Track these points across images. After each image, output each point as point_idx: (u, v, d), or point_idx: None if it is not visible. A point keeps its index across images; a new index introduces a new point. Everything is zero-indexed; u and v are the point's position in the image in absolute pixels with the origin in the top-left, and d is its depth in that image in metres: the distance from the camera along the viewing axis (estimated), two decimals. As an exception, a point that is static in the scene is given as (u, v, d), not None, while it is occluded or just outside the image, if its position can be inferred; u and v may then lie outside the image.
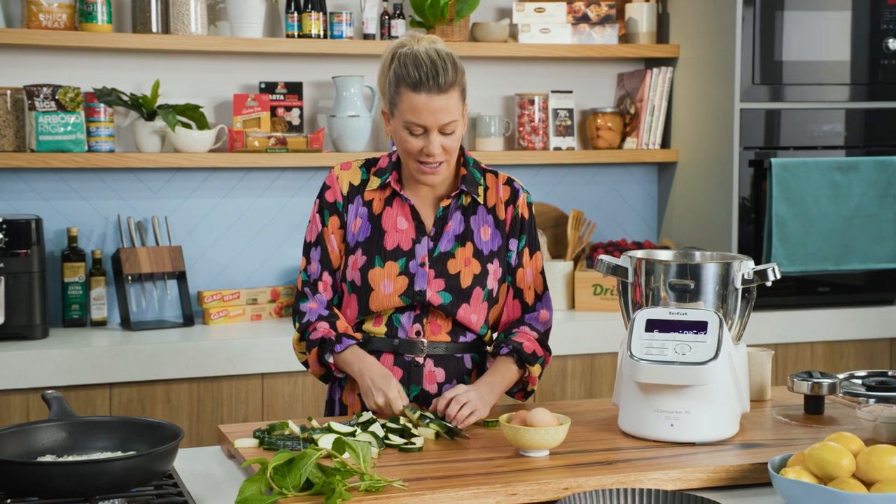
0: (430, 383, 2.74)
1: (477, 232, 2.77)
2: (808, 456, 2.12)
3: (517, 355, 2.74)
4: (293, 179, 4.45)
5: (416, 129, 2.64)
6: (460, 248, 2.75)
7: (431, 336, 2.74)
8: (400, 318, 2.74)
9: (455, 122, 2.64)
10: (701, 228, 4.61)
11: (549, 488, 2.16)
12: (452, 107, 2.62)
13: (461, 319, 2.73)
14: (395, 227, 2.75)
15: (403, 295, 2.71)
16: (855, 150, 4.53)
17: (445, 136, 2.64)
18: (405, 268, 2.72)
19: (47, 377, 3.70)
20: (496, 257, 2.77)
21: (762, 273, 2.48)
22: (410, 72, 2.61)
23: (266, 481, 2.07)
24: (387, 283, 2.71)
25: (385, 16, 4.43)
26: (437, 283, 2.72)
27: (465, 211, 2.78)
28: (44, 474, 1.98)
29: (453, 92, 2.63)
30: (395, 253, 2.73)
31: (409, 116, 2.62)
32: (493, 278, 2.76)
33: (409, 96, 2.61)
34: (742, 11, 4.35)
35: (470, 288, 2.73)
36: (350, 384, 2.81)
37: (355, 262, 2.75)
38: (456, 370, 2.77)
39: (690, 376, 2.36)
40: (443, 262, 2.73)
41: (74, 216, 4.21)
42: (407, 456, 2.33)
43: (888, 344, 4.61)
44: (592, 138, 4.76)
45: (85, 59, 4.22)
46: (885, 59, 4.54)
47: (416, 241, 2.74)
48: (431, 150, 2.63)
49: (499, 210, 2.80)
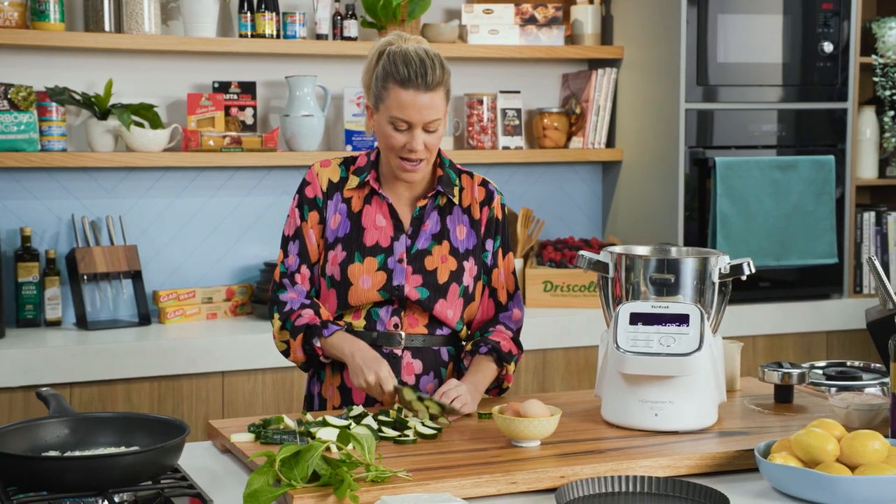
0: (408, 374, 2.80)
1: (453, 231, 2.83)
2: (794, 442, 2.22)
3: (496, 354, 2.81)
4: (247, 179, 4.47)
5: (400, 125, 2.69)
6: (437, 245, 2.81)
7: (409, 329, 2.80)
8: (378, 312, 2.80)
9: (439, 120, 2.71)
10: (646, 226, 4.72)
11: (547, 476, 2.22)
12: (437, 105, 2.69)
13: (438, 314, 2.80)
14: (375, 224, 2.81)
15: (382, 290, 2.77)
16: (792, 149, 4.67)
17: (429, 133, 2.71)
18: (384, 263, 2.78)
19: (7, 377, 3.69)
20: (471, 255, 2.84)
21: (737, 267, 2.57)
22: (400, 68, 2.67)
23: (273, 473, 2.11)
24: (366, 277, 2.77)
25: (337, 16, 4.47)
26: (414, 279, 2.78)
27: (441, 211, 2.84)
28: (57, 469, 2.01)
29: (439, 91, 2.70)
30: (374, 249, 2.78)
31: (395, 112, 2.68)
32: (468, 275, 2.83)
33: (397, 92, 2.67)
34: (686, 14, 4.46)
35: (447, 284, 2.79)
36: (329, 378, 2.86)
37: (335, 258, 2.79)
38: (433, 362, 2.83)
39: (675, 367, 2.44)
40: (420, 259, 2.79)
41: (27, 216, 4.19)
42: (402, 448, 2.39)
43: (824, 337, 4.76)
44: (539, 138, 4.84)
45: (36, 58, 4.20)
46: (821, 62, 4.69)
47: (394, 238, 2.80)
48: (414, 146, 2.69)
49: (473, 210, 2.86)
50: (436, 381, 2.83)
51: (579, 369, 4.39)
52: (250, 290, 4.41)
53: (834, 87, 4.71)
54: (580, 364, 4.40)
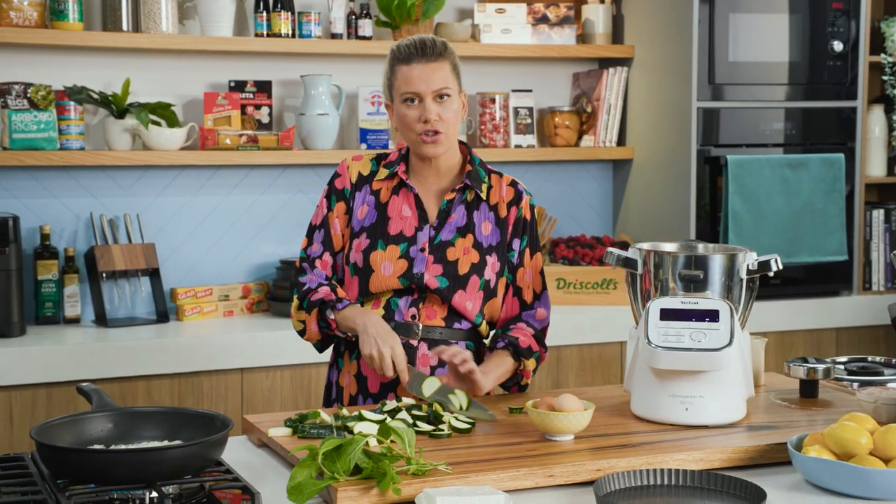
0: (423, 365, 2.85)
1: (478, 226, 2.87)
2: (827, 435, 2.25)
3: (513, 349, 2.86)
4: (262, 177, 4.50)
5: (412, 99, 2.80)
6: (461, 238, 2.86)
7: (426, 320, 2.85)
8: (397, 302, 2.84)
9: (447, 89, 2.80)
10: (657, 224, 4.76)
11: (584, 470, 2.26)
12: (443, 75, 2.80)
13: (456, 305, 2.84)
14: (400, 214, 2.86)
15: (402, 277, 2.82)
16: (802, 147, 4.71)
17: (440, 104, 2.79)
18: (406, 252, 2.83)
19: (29, 374, 3.72)
20: (495, 251, 2.88)
21: (765, 264, 2.61)
22: (402, 50, 2.82)
23: (316, 466, 2.14)
24: (387, 264, 2.82)
25: (352, 15, 4.50)
26: (435, 268, 2.83)
27: (469, 206, 2.89)
28: (107, 462, 2.04)
29: (443, 62, 2.80)
30: (398, 238, 2.84)
31: (404, 88, 2.80)
32: (490, 270, 2.87)
33: (402, 70, 2.81)
34: (698, 14, 4.50)
35: (467, 275, 2.84)
36: (346, 366, 2.90)
37: (359, 245, 2.85)
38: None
39: (707, 362, 2.48)
40: (442, 250, 2.84)
41: (46, 214, 4.22)
42: (437, 442, 2.42)
43: (834, 333, 4.80)
44: (550, 136, 4.88)
45: (55, 58, 4.23)
46: (831, 61, 4.73)
47: (418, 228, 2.85)
48: (428, 116, 2.78)
49: (500, 208, 2.90)
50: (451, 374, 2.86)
51: (593, 366, 4.43)
52: (266, 288, 4.44)
53: (843, 85, 4.75)
54: (593, 360, 4.43)
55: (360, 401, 2.89)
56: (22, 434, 3.72)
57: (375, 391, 2.86)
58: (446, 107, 2.80)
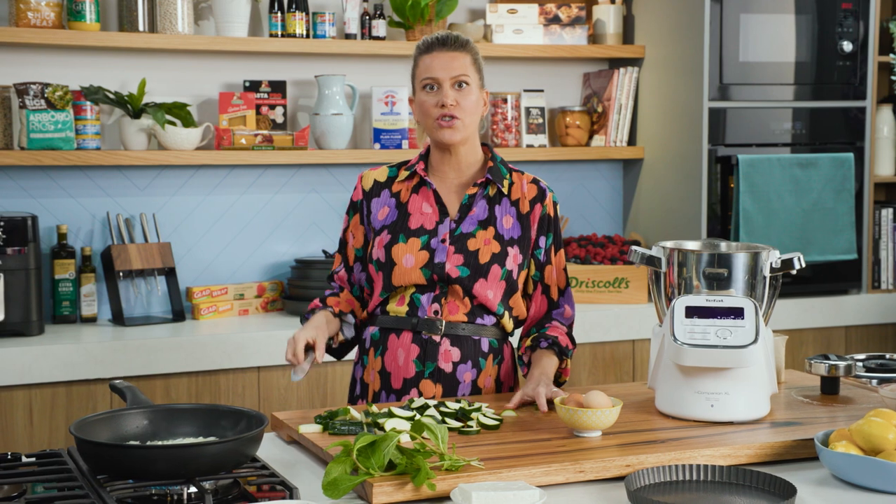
0: (445, 361, 2.88)
1: (500, 219, 2.91)
2: (854, 431, 2.28)
3: (557, 348, 2.91)
4: (276, 176, 4.53)
5: (430, 85, 2.87)
6: (482, 230, 2.90)
7: (449, 316, 2.88)
8: (420, 298, 2.88)
9: (466, 77, 2.86)
10: (667, 222, 4.79)
11: (614, 465, 2.29)
12: (462, 64, 2.87)
13: (477, 294, 2.87)
14: (420, 210, 2.92)
15: (424, 268, 2.86)
16: (812, 147, 4.74)
17: (458, 91, 2.86)
18: (427, 244, 2.88)
19: (49, 372, 3.74)
20: (516, 244, 2.91)
21: (788, 262, 2.64)
22: (425, 42, 2.93)
23: (351, 462, 2.17)
24: (408, 257, 2.86)
25: (366, 16, 4.53)
26: (456, 258, 2.87)
27: (490, 200, 2.92)
28: (148, 457, 2.06)
29: (463, 53, 2.88)
30: (418, 231, 2.90)
31: (423, 75, 2.89)
32: (512, 261, 2.90)
33: (423, 59, 2.90)
34: (709, 14, 4.53)
35: (488, 265, 2.87)
36: (371, 362, 2.94)
37: (381, 241, 2.90)
38: (472, 352, 2.90)
39: (733, 359, 2.51)
40: (463, 241, 2.88)
41: (62, 214, 4.24)
42: (467, 438, 2.45)
43: (843, 331, 4.83)
44: (561, 136, 4.91)
45: (72, 58, 4.25)
46: (840, 61, 4.76)
47: (439, 222, 2.90)
48: (445, 101, 2.84)
49: (522, 204, 2.93)
50: (474, 370, 2.90)
51: (605, 364, 4.46)
52: (280, 287, 4.47)
53: (852, 85, 4.78)
54: (606, 359, 4.46)
55: (383, 396, 2.92)
56: (42, 432, 3.75)
57: (398, 387, 2.90)
58: (464, 95, 2.86)
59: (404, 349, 2.89)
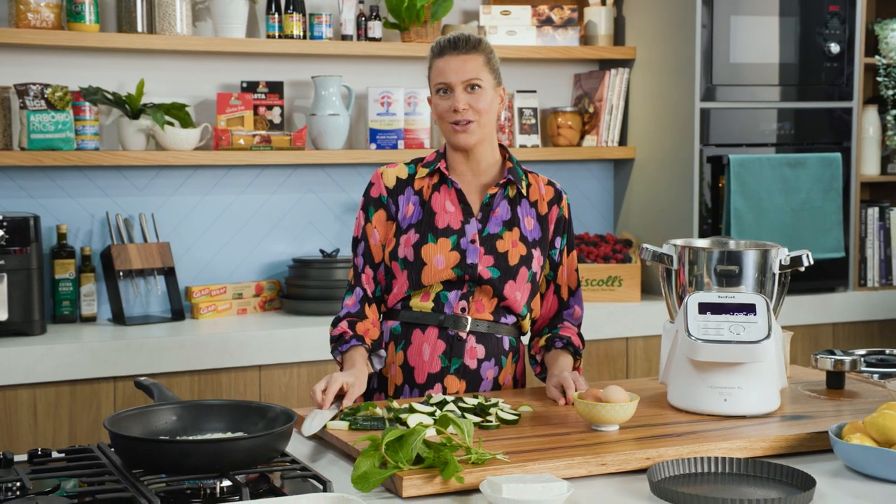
0: (470, 358, 2.92)
1: (522, 220, 2.96)
2: (868, 423, 2.34)
3: (571, 348, 2.98)
4: (273, 176, 4.56)
5: (443, 90, 2.90)
6: (508, 231, 2.94)
7: (475, 314, 2.93)
8: (447, 295, 2.92)
9: (478, 79, 2.89)
10: (659, 221, 4.85)
11: (634, 458, 2.34)
12: (474, 67, 2.89)
13: (507, 295, 2.92)
14: (444, 209, 2.94)
15: (456, 268, 2.89)
16: (800, 147, 4.82)
17: (471, 95, 2.89)
18: (457, 244, 2.91)
19: (52, 372, 3.76)
20: (538, 246, 2.97)
21: (797, 259, 2.70)
22: (438, 44, 2.95)
23: (379, 456, 2.21)
24: (439, 257, 2.89)
25: (362, 17, 4.57)
26: (486, 259, 2.91)
27: (511, 201, 2.97)
28: (183, 452, 2.10)
29: (475, 55, 2.90)
30: (447, 231, 2.92)
31: (436, 79, 2.92)
32: (536, 263, 2.96)
33: (436, 62, 2.92)
34: (700, 16, 4.60)
35: (517, 266, 2.92)
36: (391, 356, 2.98)
37: (408, 240, 2.92)
38: (495, 349, 2.96)
39: (746, 354, 2.57)
40: (492, 242, 2.93)
41: (62, 214, 4.26)
42: (487, 433, 2.49)
43: (831, 328, 4.91)
44: (553, 136, 4.96)
45: (71, 58, 4.27)
46: (827, 62, 4.84)
47: (464, 221, 2.93)
48: (457, 106, 2.87)
49: (540, 206, 2.99)
50: (496, 367, 2.95)
51: (599, 361, 4.52)
52: (278, 286, 4.50)
53: (839, 86, 4.86)
54: (600, 356, 4.52)
55: (406, 391, 2.96)
56: (46, 430, 3.77)
57: (422, 381, 2.94)
58: (477, 97, 2.88)
59: (430, 344, 2.93)
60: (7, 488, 2.09)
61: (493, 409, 2.61)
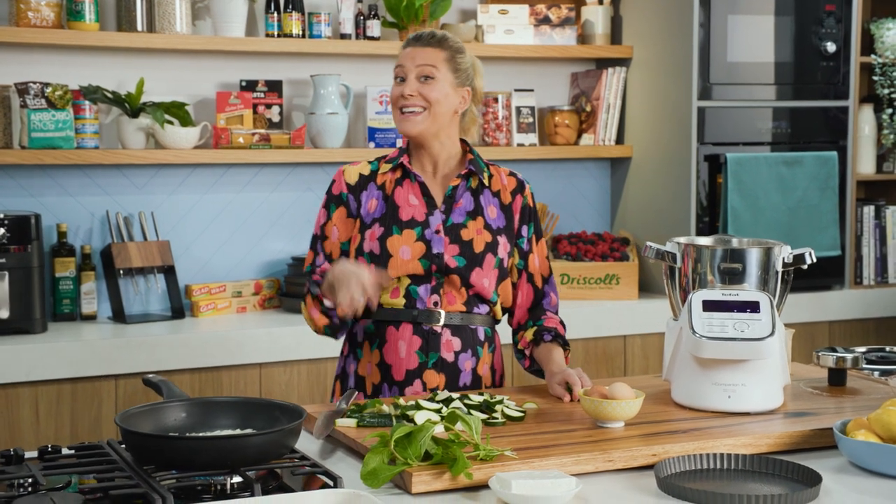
0: (447, 351, 2.94)
1: (485, 209, 2.99)
2: (873, 420, 2.36)
3: (560, 339, 2.99)
4: (272, 175, 4.57)
5: (399, 76, 2.95)
6: (471, 220, 2.97)
7: (448, 307, 2.95)
8: (417, 290, 2.94)
9: (432, 68, 2.92)
10: (656, 219, 4.87)
11: (641, 454, 2.35)
12: (431, 57, 2.93)
13: (474, 283, 2.94)
14: (408, 202, 2.97)
15: (422, 258, 2.91)
16: (796, 146, 4.84)
17: (423, 83, 2.92)
18: (422, 235, 2.93)
19: (54, 370, 3.77)
20: (504, 233, 2.99)
21: (800, 257, 2.72)
22: (408, 37, 3.00)
23: (388, 453, 2.22)
24: (405, 248, 2.92)
25: (360, 16, 4.58)
26: (452, 248, 2.93)
27: (474, 192, 3.01)
28: (195, 448, 2.11)
29: (435, 49, 2.94)
30: (411, 223, 2.95)
31: (396, 67, 2.97)
32: (503, 249, 2.98)
33: (400, 53, 2.98)
34: (698, 15, 4.62)
35: (482, 253, 2.95)
36: (367, 355, 2.98)
37: (373, 234, 2.94)
38: (471, 340, 2.98)
39: (751, 351, 2.58)
40: (456, 231, 2.95)
41: (62, 212, 4.27)
42: (494, 429, 2.50)
43: (826, 326, 4.93)
44: (550, 135, 4.98)
45: (71, 57, 4.27)
46: (824, 61, 4.86)
47: (428, 213, 2.96)
48: (405, 91, 2.91)
49: (503, 196, 3.03)
50: (473, 358, 2.97)
51: (597, 359, 4.54)
52: (277, 284, 4.51)
53: (835, 85, 4.88)
54: (598, 354, 4.54)
55: (384, 389, 2.96)
56: (48, 428, 3.78)
57: (401, 379, 2.94)
58: (429, 87, 2.91)
59: (405, 341, 2.94)
60: (19, 484, 2.10)
61: (499, 406, 2.63)
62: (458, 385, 2.96)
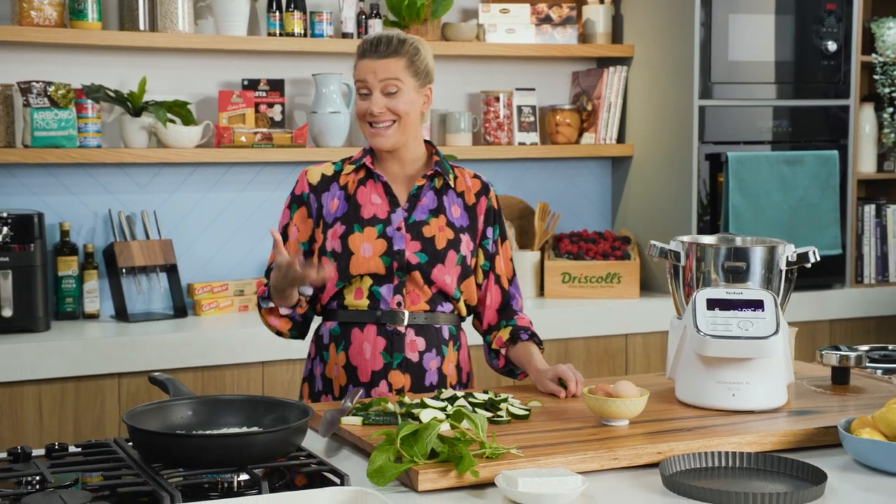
0: (411, 351, 2.95)
1: (448, 209, 3.00)
2: (877, 418, 2.37)
3: (536, 338, 3.03)
4: (274, 174, 4.57)
5: (362, 90, 2.92)
6: (434, 218, 2.98)
7: (411, 307, 2.95)
8: (380, 291, 2.94)
9: (396, 81, 2.89)
10: (657, 218, 4.88)
11: (646, 452, 2.36)
12: (392, 69, 2.89)
13: (436, 279, 2.94)
14: (370, 201, 2.97)
15: (384, 255, 2.92)
16: (796, 144, 4.85)
17: (388, 97, 2.90)
18: (383, 232, 2.94)
19: (57, 368, 3.78)
20: (467, 232, 3.00)
21: (804, 256, 2.73)
22: (362, 44, 2.95)
23: (394, 451, 2.23)
24: (366, 246, 2.92)
25: (362, 15, 4.59)
26: (413, 245, 2.94)
27: (438, 192, 3.02)
28: (202, 446, 2.11)
29: (396, 59, 2.90)
30: (373, 220, 2.95)
31: (356, 79, 2.93)
32: (465, 247, 2.99)
33: (359, 63, 2.94)
34: (699, 15, 4.63)
35: (444, 250, 2.95)
36: (333, 357, 2.99)
37: (335, 233, 2.95)
38: (435, 339, 2.98)
39: (755, 349, 2.59)
40: (418, 228, 2.96)
41: (65, 211, 4.27)
42: (499, 428, 2.51)
43: (827, 325, 4.94)
44: (552, 134, 4.98)
45: (74, 56, 4.28)
46: (825, 60, 4.87)
47: (391, 211, 2.96)
48: (372, 109, 2.89)
49: (467, 196, 3.04)
50: (438, 357, 2.97)
51: (599, 358, 4.54)
52: (273, 283, 4.52)
53: (836, 84, 4.89)
54: (599, 353, 4.55)
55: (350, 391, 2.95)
56: (52, 426, 3.78)
57: (366, 380, 2.94)
58: (396, 100, 2.90)
59: (370, 342, 2.94)
60: (27, 482, 2.10)
61: (504, 404, 2.63)
62: (425, 385, 2.96)
